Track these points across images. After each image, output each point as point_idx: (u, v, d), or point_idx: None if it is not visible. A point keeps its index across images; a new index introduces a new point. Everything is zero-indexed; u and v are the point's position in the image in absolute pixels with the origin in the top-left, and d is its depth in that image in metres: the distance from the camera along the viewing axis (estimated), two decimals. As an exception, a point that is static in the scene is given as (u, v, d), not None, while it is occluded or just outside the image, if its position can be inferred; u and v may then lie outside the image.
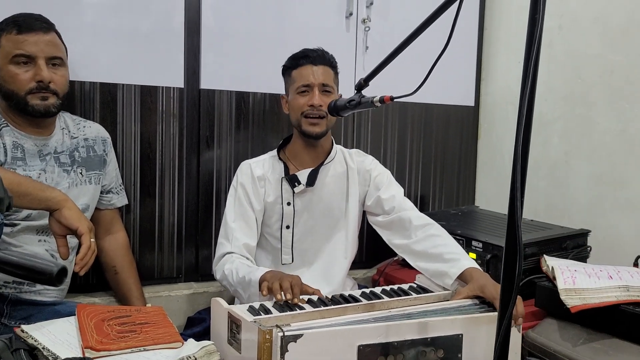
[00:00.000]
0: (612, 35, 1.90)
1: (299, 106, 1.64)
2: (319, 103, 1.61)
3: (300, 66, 1.65)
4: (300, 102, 1.64)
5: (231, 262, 1.56)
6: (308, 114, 1.63)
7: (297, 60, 1.66)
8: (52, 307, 1.46)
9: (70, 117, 1.63)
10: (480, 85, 2.40)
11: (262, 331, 1.10)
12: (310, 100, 1.62)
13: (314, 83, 1.63)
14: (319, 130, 1.64)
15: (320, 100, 1.62)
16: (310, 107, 1.62)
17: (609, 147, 1.92)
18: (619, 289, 1.38)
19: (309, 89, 1.63)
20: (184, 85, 1.85)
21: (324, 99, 1.62)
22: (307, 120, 1.63)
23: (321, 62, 1.65)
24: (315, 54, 1.65)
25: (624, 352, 1.30)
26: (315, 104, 1.61)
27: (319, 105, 1.61)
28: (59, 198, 1.29)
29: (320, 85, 1.63)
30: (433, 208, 2.33)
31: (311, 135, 1.64)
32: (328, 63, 1.67)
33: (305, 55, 1.66)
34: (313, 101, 1.62)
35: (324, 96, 1.63)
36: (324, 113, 1.62)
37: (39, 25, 1.44)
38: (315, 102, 1.61)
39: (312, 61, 1.64)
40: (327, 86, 1.64)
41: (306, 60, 1.65)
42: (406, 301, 1.39)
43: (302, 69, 1.64)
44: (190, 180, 1.89)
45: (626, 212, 1.87)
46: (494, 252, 1.68)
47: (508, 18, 2.30)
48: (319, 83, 1.63)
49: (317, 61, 1.64)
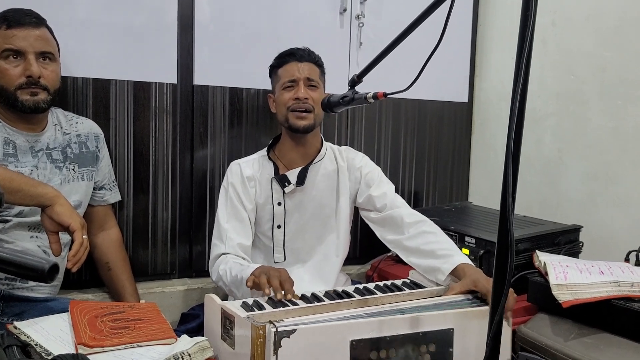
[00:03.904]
0: (604, 33, 1.91)
1: (285, 101, 1.64)
2: (305, 96, 1.62)
3: (286, 63, 1.66)
4: (285, 97, 1.64)
5: (225, 262, 1.55)
6: (294, 107, 1.63)
7: (283, 59, 1.68)
8: (45, 304, 1.46)
9: (63, 113, 1.62)
10: (474, 82, 2.40)
11: (255, 327, 1.10)
12: (295, 93, 1.63)
13: (299, 77, 1.63)
14: (307, 123, 1.63)
15: (305, 93, 1.62)
16: (295, 100, 1.62)
17: (602, 144, 1.92)
18: (610, 284, 1.39)
19: (295, 84, 1.64)
20: (177, 81, 1.84)
21: (310, 93, 1.63)
22: (294, 114, 1.63)
23: (306, 59, 1.66)
24: (300, 52, 1.67)
25: (614, 346, 1.31)
26: (300, 97, 1.62)
27: (305, 98, 1.62)
28: (51, 194, 1.29)
29: (305, 80, 1.64)
30: (427, 204, 2.33)
31: (298, 130, 1.64)
32: (313, 61, 1.68)
33: (290, 53, 1.67)
34: (298, 94, 1.62)
35: (309, 90, 1.64)
36: (310, 107, 1.62)
37: (28, 20, 1.44)
38: (301, 95, 1.62)
39: (298, 59, 1.65)
40: (312, 81, 1.65)
41: (292, 58, 1.66)
42: (399, 297, 1.40)
43: (287, 66, 1.66)
44: (183, 176, 1.89)
45: (618, 208, 1.88)
46: (487, 248, 1.69)
47: (502, 14, 2.30)
48: (304, 77, 1.64)
49: (303, 59, 1.66)
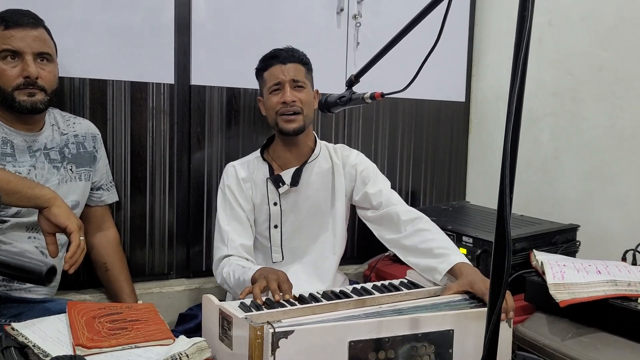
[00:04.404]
0: (601, 32, 1.91)
1: (273, 105, 1.63)
2: (292, 99, 1.61)
3: (270, 67, 1.65)
4: (273, 101, 1.63)
5: (229, 265, 1.56)
6: (282, 111, 1.62)
7: (267, 62, 1.66)
8: (43, 305, 1.46)
9: (60, 113, 1.62)
10: (471, 81, 2.41)
11: (253, 327, 1.10)
12: (282, 97, 1.62)
13: (284, 80, 1.62)
14: (296, 126, 1.63)
15: (292, 96, 1.61)
16: (283, 104, 1.61)
17: (598, 142, 1.93)
18: (607, 284, 1.39)
19: (280, 87, 1.63)
20: (175, 82, 1.84)
21: (297, 95, 1.62)
22: (283, 118, 1.62)
23: (290, 60, 1.64)
24: (284, 53, 1.65)
25: (611, 345, 1.32)
26: (287, 101, 1.61)
27: (292, 101, 1.61)
28: (48, 196, 1.28)
29: (290, 82, 1.62)
30: (424, 203, 2.34)
31: (289, 133, 1.63)
32: (298, 60, 1.66)
33: (273, 56, 1.66)
34: (285, 98, 1.61)
35: (295, 92, 1.63)
36: (298, 109, 1.62)
37: (26, 20, 1.43)
38: (287, 98, 1.61)
39: (282, 60, 1.64)
40: (297, 81, 1.63)
41: (275, 60, 1.64)
42: (397, 297, 1.39)
43: (272, 69, 1.64)
44: (181, 177, 1.89)
45: (615, 207, 1.88)
46: (484, 247, 1.69)
47: (499, 14, 2.31)
48: (289, 79, 1.62)
49: (287, 60, 1.64)
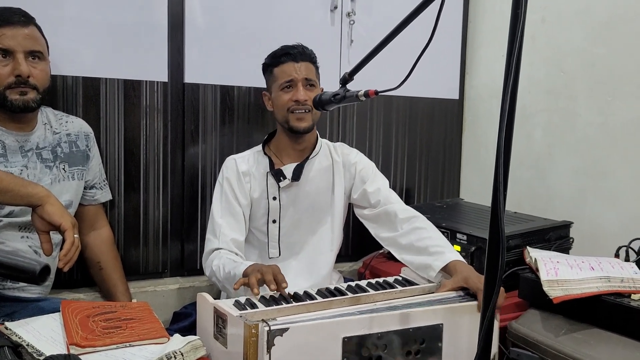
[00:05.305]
0: (594, 29, 1.92)
1: (284, 103, 1.64)
2: (304, 98, 1.63)
3: (282, 63, 1.65)
4: (284, 98, 1.64)
5: (219, 258, 1.56)
6: (294, 109, 1.63)
7: (279, 58, 1.67)
8: (36, 304, 1.45)
9: (53, 112, 1.61)
10: (465, 79, 2.41)
11: (248, 326, 1.10)
12: (294, 95, 1.63)
13: (298, 78, 1.63)
14: (307, 124, 1.65)
15: (305, 95, 1.63)
16: (295, 102, 1.63)
17: (592, 139, 1.94)
18: (600, 280, 1.40)
19: (293, 85, 1.64)
20: (168, 80, 1.83)
21: (309, 94, 1.63)
22: (294, 116, 1.64)
23: (302, 58, 1.66)
24: (295, 50, 1.66)
25: (605, 341, 1.32)
26: (300, 99, 1.62)
27: (304, 100, 1.62)
28: (41, 194, 1.28)
29: (303, 80, 1.64)
30: (418, 201, 2.34)
31: (299, 131, 1.65)
32: (309, 59, 1.68)
33: (286, 53, 1.66)
34: (298, 96, 1.62)
35: (308, 91, 1.65)
36: (309, 107, 1.63)
37: (17, 18, 1.42)
38: (301, 97, 1.62)
39: (294, 58, 1.65)
40: (310, 80, 1.65)
41: (287, 58, 1.65)
42: (391, 294, 1.40)
43: (284, 66, 1.65)
44: (175, 175, 1.88)
45: (608, 203, 1.89)
46: (478, 244, 1.70)
47: (492, 11, 2.31)
48: (302, 78, 1.64)
49: (299, 58, 1.65)
